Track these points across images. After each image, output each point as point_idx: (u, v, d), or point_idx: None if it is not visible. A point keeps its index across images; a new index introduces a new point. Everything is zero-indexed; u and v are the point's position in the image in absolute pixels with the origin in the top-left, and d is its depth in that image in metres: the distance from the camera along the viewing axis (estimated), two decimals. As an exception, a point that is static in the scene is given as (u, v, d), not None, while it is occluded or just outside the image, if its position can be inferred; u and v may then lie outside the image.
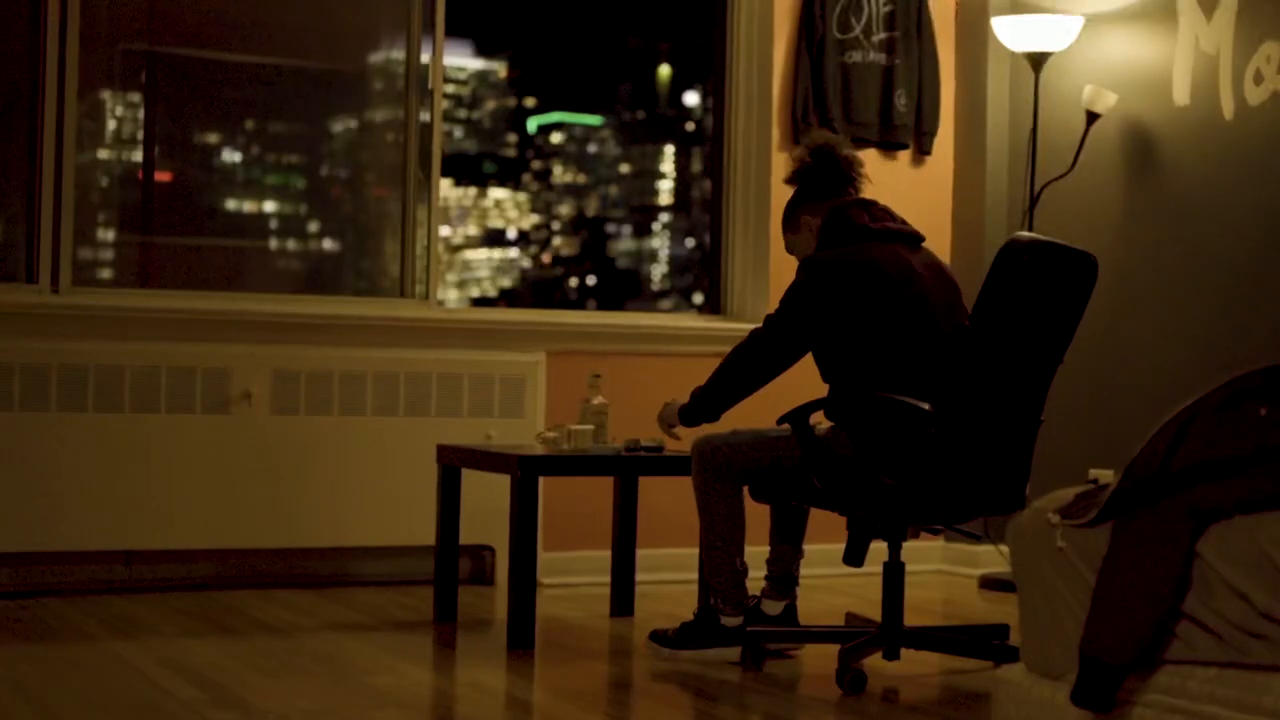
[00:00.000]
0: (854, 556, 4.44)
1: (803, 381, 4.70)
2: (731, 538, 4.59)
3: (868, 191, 4.73)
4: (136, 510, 5.52)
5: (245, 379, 5.67)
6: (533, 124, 21.91)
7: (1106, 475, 5.61)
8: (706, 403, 4.63)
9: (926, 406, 4.21)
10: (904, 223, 4.63)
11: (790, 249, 4.78)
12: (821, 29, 6.47)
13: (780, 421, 4.41)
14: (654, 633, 4.74)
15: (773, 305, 4.70)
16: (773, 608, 4.76)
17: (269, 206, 6.97)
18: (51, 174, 5.63)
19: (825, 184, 4.69)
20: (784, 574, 4.78)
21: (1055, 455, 5.54)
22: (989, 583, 6.26)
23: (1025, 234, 4.29)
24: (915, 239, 4.63)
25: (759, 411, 4.80)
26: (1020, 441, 4.40)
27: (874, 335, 4.43)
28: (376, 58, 6.58)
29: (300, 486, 5.72)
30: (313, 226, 7.07)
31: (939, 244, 6.72)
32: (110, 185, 6.29)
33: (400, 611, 5.36)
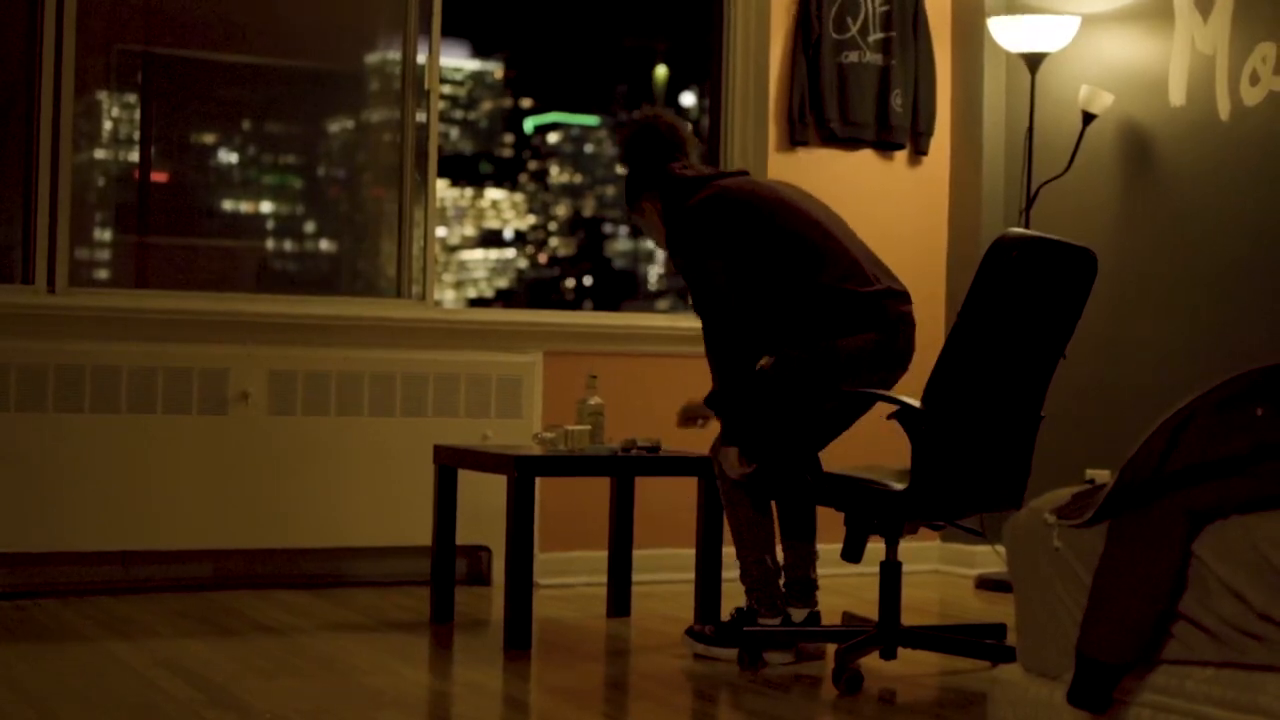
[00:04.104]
0: (851, 553, 4.44)
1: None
2: (757, 537, 4.59)
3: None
4: (133, 511, 5.52)
5: (242, 379, 5.67)
6: (529, 124, 21.91)
7: (1103, 475, 5.62)
8: (724, 398, 4.59)
9: (917, 404, 4.21)
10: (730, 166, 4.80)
11: (638, 226, 4.89)
12: (818, 29, 6.47)
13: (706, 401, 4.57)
14: (690, 629, 4.72)
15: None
16: (796, 615, 4.73)
17: (265, 207, 6.97)
18: (48, 174, 5.62)
19: (656, 157, 4.74)
20: (800, 579, 4.74)
21: (1052, 455, 5.53)
22: (986, 583, 6.26)
23: (1015, 230, 4.29)
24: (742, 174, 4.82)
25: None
26: (1019, 439, 4.40)
27: (782, 244, 4.54)
28: (373, 58, 6.58)
29: (297, 487, 5.72)
30: (309, 227, 7.07)
31: (935, 244, 6.73)
32: (107, 185, 6.29)
33: (397, 612, 5.36)
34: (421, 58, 6.18)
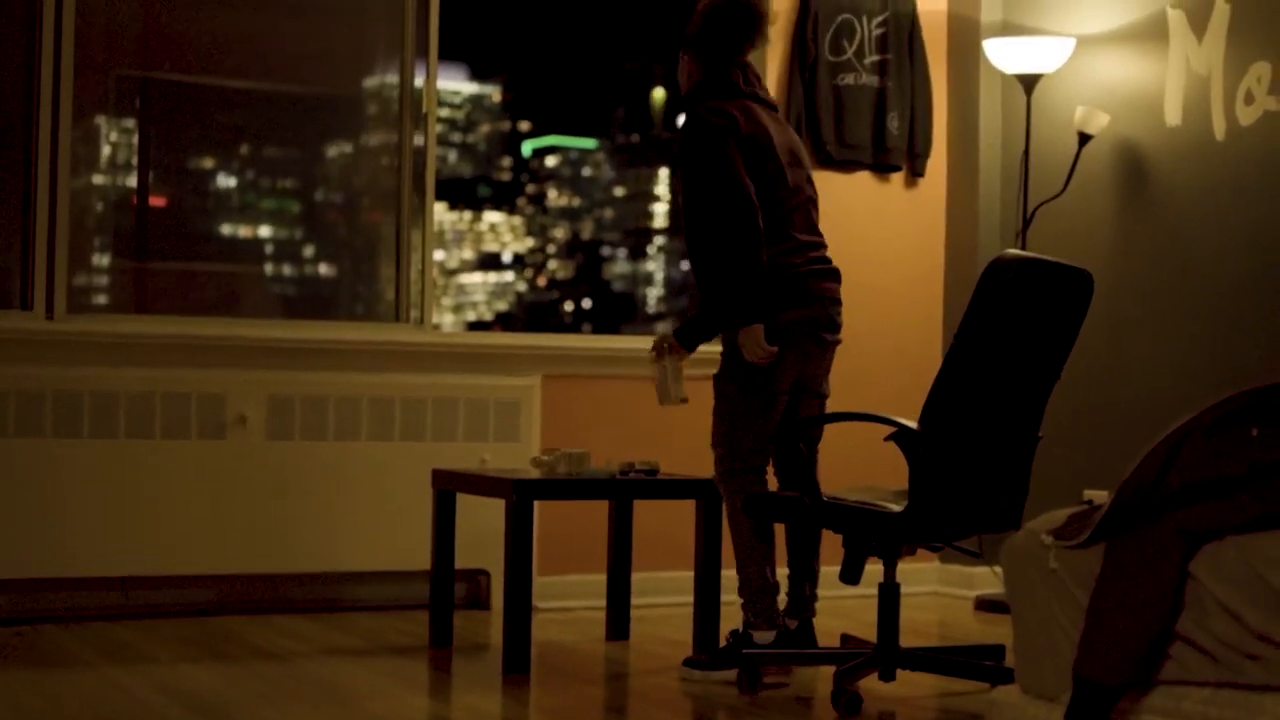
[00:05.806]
0: (850, 574, 4.44)
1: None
2: (757, 550, 4.59)
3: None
4: (133, 536, 5.52)
5: (240, 404, 5.67)
6: (527, 148, 21.96)
7: (1100, 496, 5.62)
8: (735, 312, 4.61)
9: (914, 426, 4.22)
10: (768, 93, 4.89)
11: (677, 65, 4.94)
12: (814, 51, 6.48)
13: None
14: (687, 659, 4.73)
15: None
16: (789, 623, 4.75)
17: (264, 231, 6.98)
18: (46, 199, 5.63)
19: (730, 40, 4.78)
20: (794, 594, 4.77)
21: (1049, 476, 5.54)
22: (984, 604, 6.26)
23: (1012, 251, 4.30)
24: (775, 108, 4.89)
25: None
26: (1016, 460, 4.41)
27: (762, 186, 4.64)
28: (371, 82, 6.59)
29: (296, 511, 5.72)
30: (308, 251, 7.08)
31: (931, 265, 6.74)
32: (105, 210, 6.30)
33: (396, 636, 5.36)
34: (419, 81, 6.19)
